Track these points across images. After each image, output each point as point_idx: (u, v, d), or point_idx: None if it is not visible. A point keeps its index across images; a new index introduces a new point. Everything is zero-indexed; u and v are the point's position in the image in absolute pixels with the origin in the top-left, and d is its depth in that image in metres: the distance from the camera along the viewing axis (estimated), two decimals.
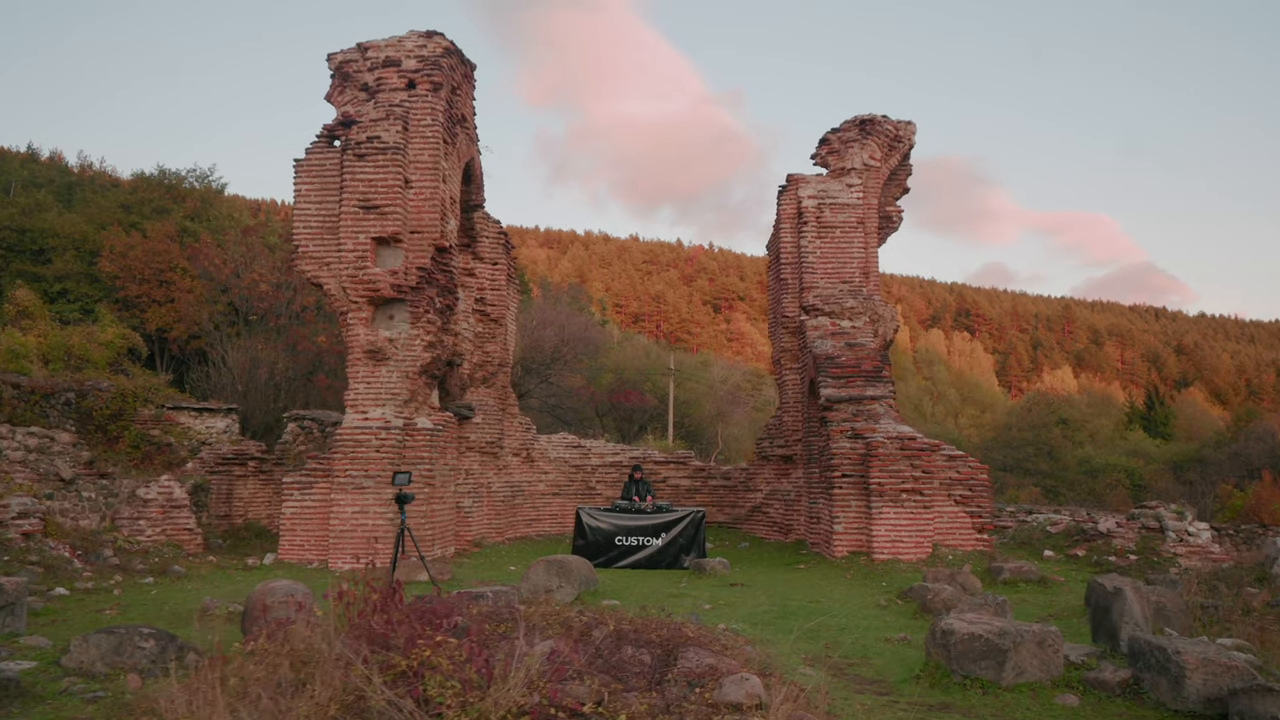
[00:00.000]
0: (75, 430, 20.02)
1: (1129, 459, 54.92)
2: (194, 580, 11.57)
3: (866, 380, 14.38)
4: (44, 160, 65.34)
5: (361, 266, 12.96)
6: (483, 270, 16.51)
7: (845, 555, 13.05)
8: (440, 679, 3.40)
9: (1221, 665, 5.00)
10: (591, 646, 4.81)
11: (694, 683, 4.23)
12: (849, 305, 15.81)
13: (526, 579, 8.63)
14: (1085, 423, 63.33)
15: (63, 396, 19.88)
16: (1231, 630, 7.12)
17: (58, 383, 20.08)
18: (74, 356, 23.91)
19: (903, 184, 17.47)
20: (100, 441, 20.31)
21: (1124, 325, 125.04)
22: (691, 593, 10.25)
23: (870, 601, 9.90)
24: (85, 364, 24.02)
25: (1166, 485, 43.84)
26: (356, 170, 12.99)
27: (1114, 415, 70.61)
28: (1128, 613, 6.44)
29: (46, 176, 52.49)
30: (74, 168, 60.08)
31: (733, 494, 18.15)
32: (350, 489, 12.60)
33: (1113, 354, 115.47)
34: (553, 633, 5.18)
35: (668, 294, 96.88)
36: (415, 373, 13.26)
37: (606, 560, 13.17)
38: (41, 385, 19.48)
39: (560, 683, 3.80)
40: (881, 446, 12.94)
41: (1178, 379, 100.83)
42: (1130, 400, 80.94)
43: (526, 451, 17.65)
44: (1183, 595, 8.61)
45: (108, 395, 20.76)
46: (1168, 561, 12.89)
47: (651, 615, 6.37)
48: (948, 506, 13.27)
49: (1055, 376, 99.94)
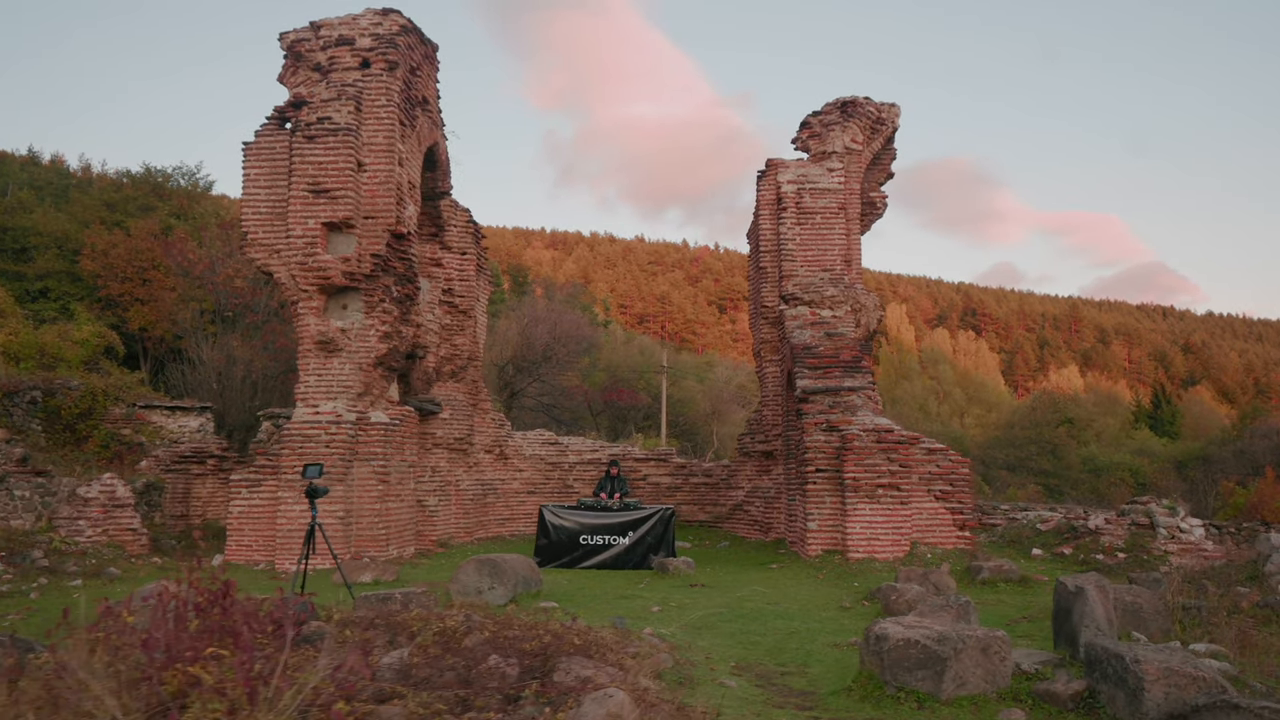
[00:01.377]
0: (42, 429, 19.58)
1: (1134, 457, 54.12)
2: (129, 583, 10.99)
3: (845, 371, 13.74)
4: (45, 164, 65.25)
5: (311, 253, 12.40)
6: (451, 260, 15.94)
7: (819, 554, 12.41)
8: (202, 703, 2.81)
9: (1187, 676, 4.36)
10: (458, 655, 4.20)
11: (556, 700, 3.62)
12: (829, 294, 15.16)
13: (455, 580, 8.03)
14: (1091, 421, 62.48)
15: (27, 395, 19.36)
16: (1214, 634, 6.48)
17: (21, 381, 19.59)
18: (46, 355, 23.46)
19: (887, 169, 16.82)
20: (69, 441, 19.81)
21: (1131, 324, 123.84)
22: (646, 594, 9.64)
23: (834, 603, 9.28)
24: (58, 363, 23.58)
25: (1170, 483, 43.02)
26: (306, 153, 12.43)
27: (1120, 414, 69.66)
28: (1088, 615, 5.80)
29: (46, 179, 52.26)
30: (75, 170, 59.86)
31: (714, 492, 17.52)
32: (298, 486, 12.01)
33: (1120, 353, 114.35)
34: (425, 639, 4.59)
35: (673, 295, 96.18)
36: (369, 364, 12.68)
37: (571, 560, 12.58)
38: (2, 383, 18.99)
39: (378, 703, 3.19)
40: (857, 439, 12.30)
41: (1185, 378, 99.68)
42: (1137, 399, 79.87)
43: (500, 448, 17.06)
44: (1163, 595, 7.98)
45: (77, 394, 20.27)
46: (1158, 559, 12.23)
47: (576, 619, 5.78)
48: (927, 502, 12.62)
49: (1062, 376, 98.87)
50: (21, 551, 11.03)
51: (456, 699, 3.47)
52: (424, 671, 3.92)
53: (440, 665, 4.03)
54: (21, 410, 19.17)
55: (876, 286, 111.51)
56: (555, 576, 11.32)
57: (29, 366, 22.45)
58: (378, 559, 12.12)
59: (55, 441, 19.63)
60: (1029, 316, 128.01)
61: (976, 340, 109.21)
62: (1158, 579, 9.28)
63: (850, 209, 15.85)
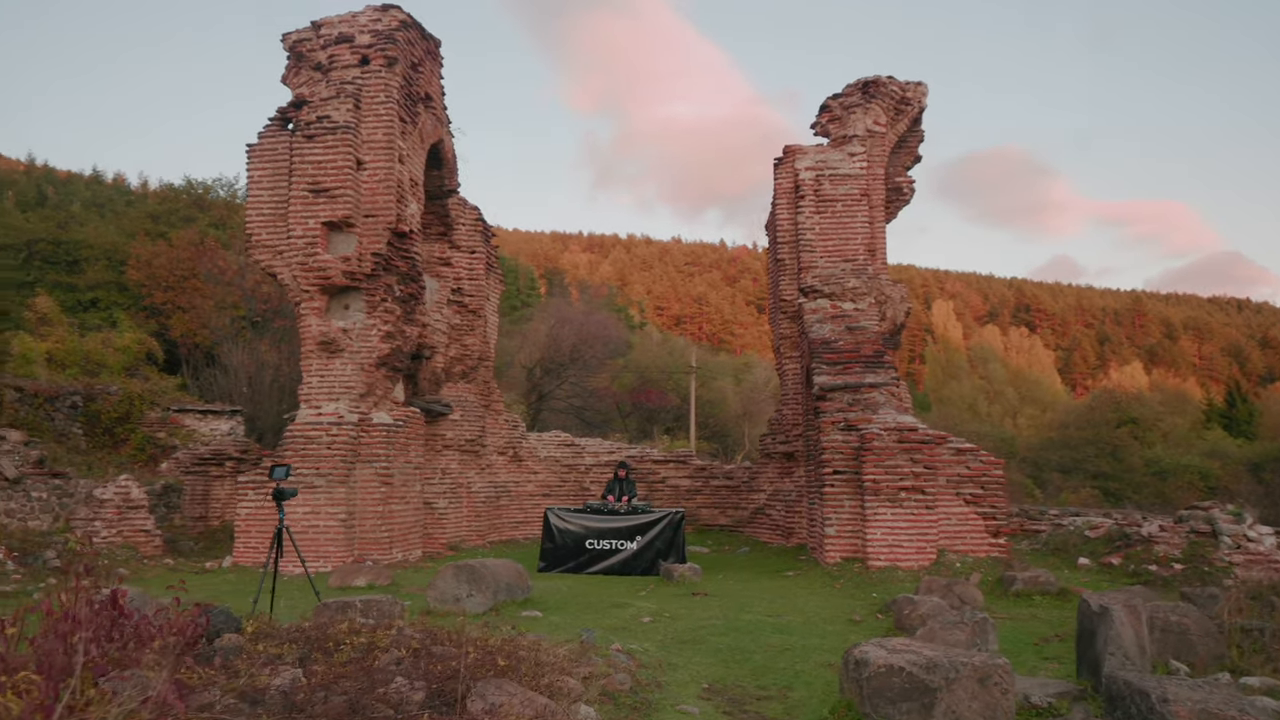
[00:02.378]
0: (83, 433, 19.84)
1: (1204, 460, 51.55)
2: (135, 585, 10.84)
3: (866, 366, 13.06)
4: (108, 182, 67.32)
5: (311, 253, 12.16)
6: (459, 259, 15.63)
7: (838, 562, 11.77)
8: None
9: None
10: (362, 677, 3.75)
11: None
12: (851, 285, 14.49)
13: (433, 587, 7.62)
14: (1156, 422, 59.96)
15: (69, 400, 19.66)
16: (1278, 663, 5.71)
17: (63, 386, 19.89)
18: (90, 361, 23.86)
19: (914, 152, 16.07)
20: (107, 444, 20.09)
21: (1201, 318, 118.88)
22: (642, 603, 9.13)
23: (844, 615, 8.66)
24: (101, 369, 23.96)
25: (1244, 487, 40.84)
26: (306, 152, 12.21)
27: (1190, 414, 66.76)
28: (1114, 640, 5.13)
29: (108, 196, 53.80)
30: (135, 188, 61.61)
31: (735, 495, 16.94)
32: (301, 488, 11.76)
33: (1189, 349, 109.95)
34: (342, 656, 4.15)
35: (710, 295, 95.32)
36: (371, 365, 12.40)
37: (576, 565, 12.14)
38: (45, 389, 19.27)
39: None
40: (877, 439, 11.63)
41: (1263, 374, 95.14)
42: (1208, 397, 76.53)
43: (513, 450, 16.70)
44: (1217, 615, 7.19)
45: (115, 399, 20.54)
46: (1220, 572, 11.26)
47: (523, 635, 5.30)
48: (956, 507, 11.89)
49: (1124, 373, 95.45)
50: (35, 552, 10.99)
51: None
52: (312, 697, 3.49)
53: (334, 689, 3.60)
54: (63, 414, 19.45)
55: (922, 283, 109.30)
56: (555, 582, 10.89)
57: (74, 373, 22.84)
58: (380, 562, 11.82)
59: (95, 444, 19.89)
60: (1088, 312, 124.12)
61: (1030, 337, 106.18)
62: (1213, 595, 8.43)
63: (873, 195, 15.16)
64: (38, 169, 67.67)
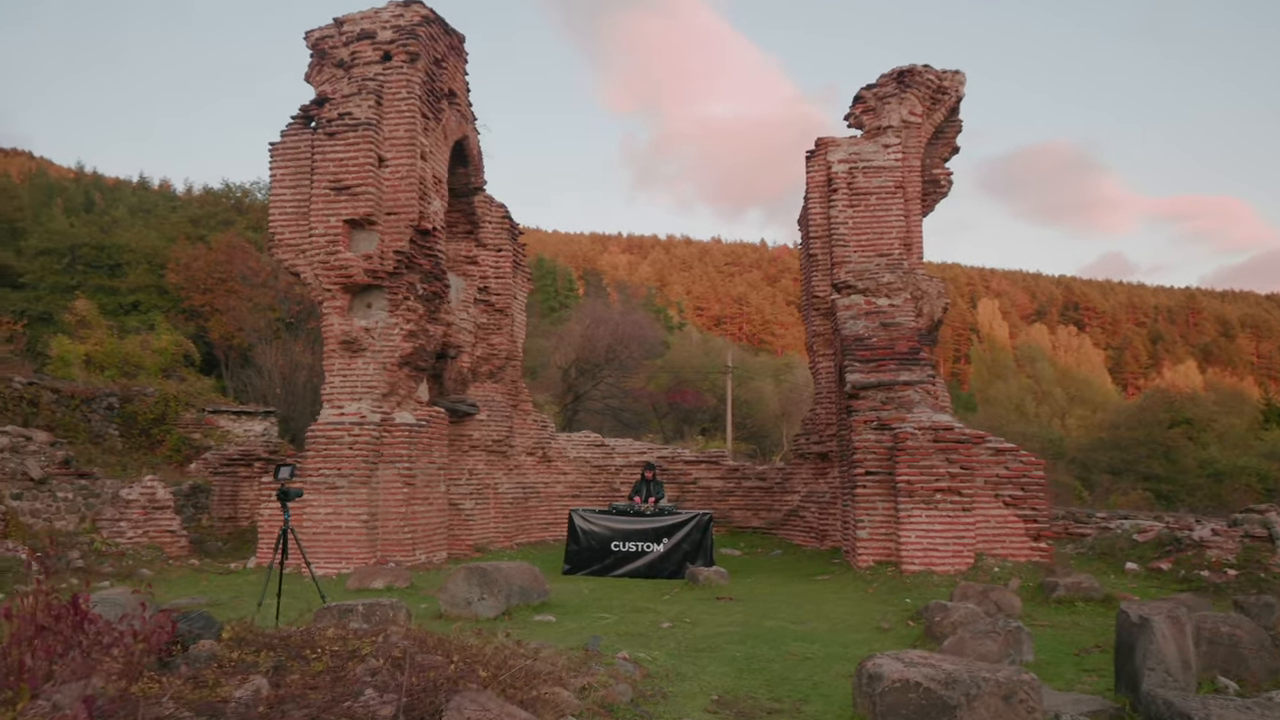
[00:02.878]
0: (119, 434, 20.10)
1: (1262, 461, 49.64)
2: (157, 585, 10.84)
3: (900, 364, 12.61)
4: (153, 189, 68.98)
5: (333, 251, 12.06)
6: (486, 257, 15.47)
7: (870, 565, 11.35)
8: None
9: None
10: (333, 688, 3.52)
11: None
12: (886, 281, 14.04)
13: (444, 590, 7.40)
14: (1211, 422, 57.98)
15: (105, 401, 19.92)
16: None
17: (99, 388, 20.17)
18: (128, 363, 24.23)
19: (951, 142, 15.55)
20: (144, 445, 20.34)
21: (1260, 315, 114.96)
22: (664, 607, 8.83)
23: (872, 623, 8.27)
24: (139, 371, 24.33)
25: None
26: (327, 149, 12.12)
27: (1247, 413, 64.38)
28: (1154, 655, 4.72)
29: (154, 202, 55.02)
30: (180, 194, 63.01)
31: (768, 496, 16.55)
32: (323, 489, 11.69)
33: (1246, 347, 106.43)
34: (320, 665, 3.93)
35: (750, 295, 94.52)
36: (394, 364, 12.27)
37: (602, 568, 11.88)
38: (82, 390, 19.55)
39: None
40: (910, 438, 11.19)
41: None
42: (1267, 396, 73.78)
43: (542, 451, 16.50)
44: (1273, 626, 6.70)
45: (151, 400, 20.80)
46: (1278, 578, 10.65)
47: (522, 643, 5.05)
48: (995, 509, 11.40)
49: (1177, 372, 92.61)
50: (58, 552, 11.03)
51: None
52: (271, 711, 3.25)
53: (299, 702, 3.36)
54: (99, 416, 19.71)
55: (967, 282, 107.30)
56: (577, 585, 10.64)
57: (112, 374, 23.22)
58: (403, 564, 11.67)
59: (131, 445, 20.14)
60: (1140, 310, 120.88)
61: (1079, 336, 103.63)
62: (1269, 604, 7.90)
63: (909, 188, 14.69)
64: (86, 176, 69.46)
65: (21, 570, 10.42)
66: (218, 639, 4.25)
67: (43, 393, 17.58)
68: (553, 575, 11.90)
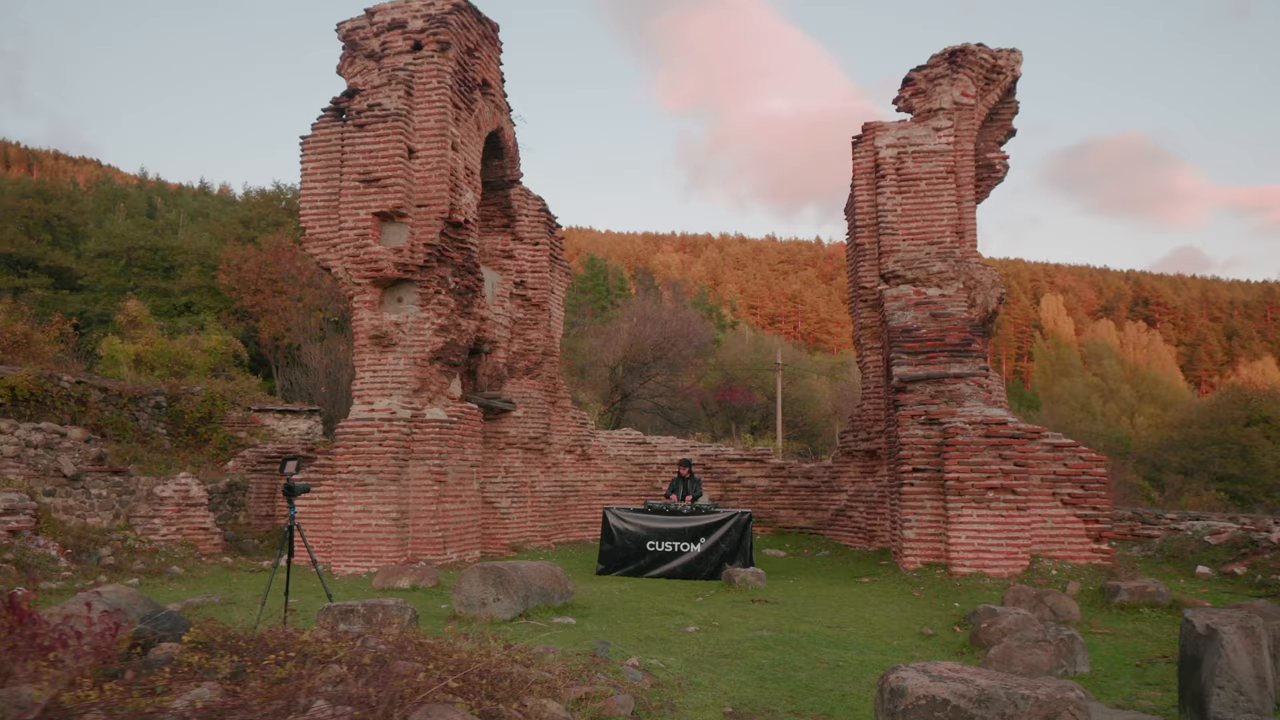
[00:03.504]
0: (166, 432, 20.36)
1: None
2: (186, 582, 10.79)
3: (951, 355, 11.97)
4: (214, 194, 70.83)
5: (363, 245, 11.89)
6: (522, 251, 15.20)
7: (918, 567, 10.75)
8: None
9: None
10: (289, 697, 3.18)
11: None
12: (937, 270, 13.39)
13: (458, 590, 7.07)
14: None
15: (152, 400, 20.18)
16: None
17: (146, 387, 20.44)
18: (177, 363, 24.61)
19: (1007, 125, 14.80)
20: (191, 443, 20.58)
21: None
22: (694, 611, 8.39)
23: (915, 628, 7.73)
24: (188, 370, 24.69)
25: None
26: (356, 141, 11.95)
27: None
28: (1223, 670, 4.15)
29: (216, 207, 56.45)
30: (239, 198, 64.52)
31: (815, 495, 15.96)
32: (353, 486, 11.52)
33: None
34: (280, 672, 3.60)
35: (805, 293, 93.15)
36: (425, 359, 12.05)
37: (637, 568, 11.49)
38: (129, 389, 19.81)
39: None
40: (960, 433, 10.56)
41: None
42: None
43: (581, 448, 16.17)
44: None
45: (198, 399, 21.03)
46: None
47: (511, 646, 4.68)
48: (1052, 509, 10.71)
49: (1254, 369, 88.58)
50: (90, 549, 11.03)
51: None
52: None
53: (242, 713, 3.03)
54: (147, 414, 19.97)
55: (1030, 277, 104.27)
56: (608, 586, 10.27)
57: (162, 374, 23.59)
58: (433, 563, 11.44)
59: (179, 444, 20.38)
60: (1214, 305, 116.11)
61: (1148, 332, 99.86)
62: None
63: (961, 173, 14.00)
64: (149, 183, 71.52)
65: (51, 566, 10.45)
66: (179, 641, 3.96)
67: (91, 391, 17.82)
68: (586, 576, 11.55)
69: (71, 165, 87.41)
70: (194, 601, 8.14)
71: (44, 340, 19.14)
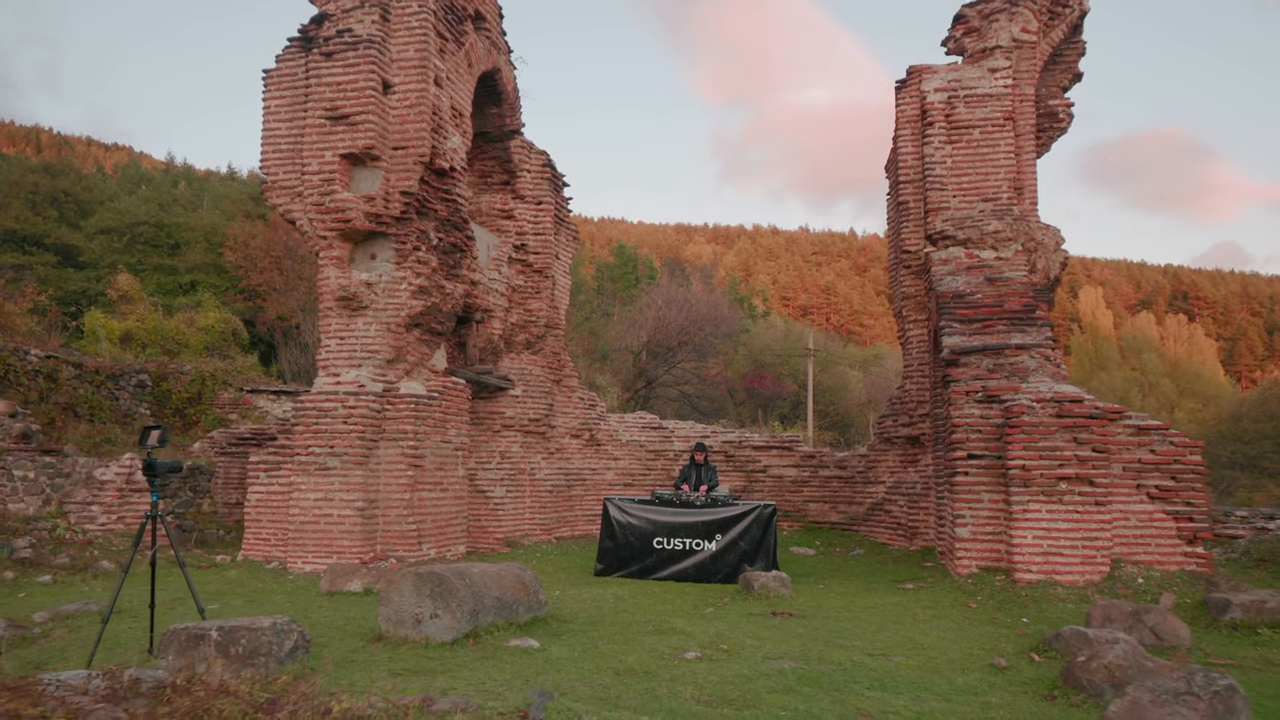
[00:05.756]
0: (150, 413, 19.02)
1: None
2: (115, 579, 9.30)
3: (1011, 324, 10.20)
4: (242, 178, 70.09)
5: (328, 192, 10.34)
6: (524, 211, 13.59)
7: (973, 572, 9.01)
8: None
9: None
10: None
11: None
12: (992, 229, 11.61)
13: (385, 601, 5.44)
14: None
15: (134, 378, 18.84)
16: None
17: (128, 364, 19.13)
18: (169, 341, 23.35)
19: (1073, 67, 12.92)
20: (178, 425, 19.25)
21: None
22: (698, 626, 6.75)
23: (983, 656, 6.03)
24: (182, 349, 23.42)
25: None
26: (323, 72, 10.40)
27: None
28: None
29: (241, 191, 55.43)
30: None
31: (849, 487, 14.25)
32: (313, 470, 10.00)
33: None
34: None
35: (838, 285, 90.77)
36: (400, 325, 10.50)
37: (641, 569, 9.88)
38: (108, 366, 18.49)
39: None
40: (1027, 412, 8.80)
41: None
42: None
43: (589, 432, 14.56)
44: None
45: (187, 379, 19.71)
46: None
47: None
48: (1136, 503, 8.94)
49: None
50: (4, 541, 9.60)
51: None
52: None
53: None
54: (128, 394, 18.61)
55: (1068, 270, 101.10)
56: (604, 592, 8.65)
57: (153, 353, 22.32)
58: (405, 560, 9.90)
59: (167, 426, 19.06)
60: (1255, 299, 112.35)
61: (1189, 325, 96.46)
62: None
63: (1020, 120, 12.20)
64: (176, 168, 70.89)
65: None
66: None
67: (62, 367, 16.49)
68: (584, 577, 9.96)
69: (103, 151, 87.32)
70: (67, 610, 6.63)
71: (15, 312, 17.85)
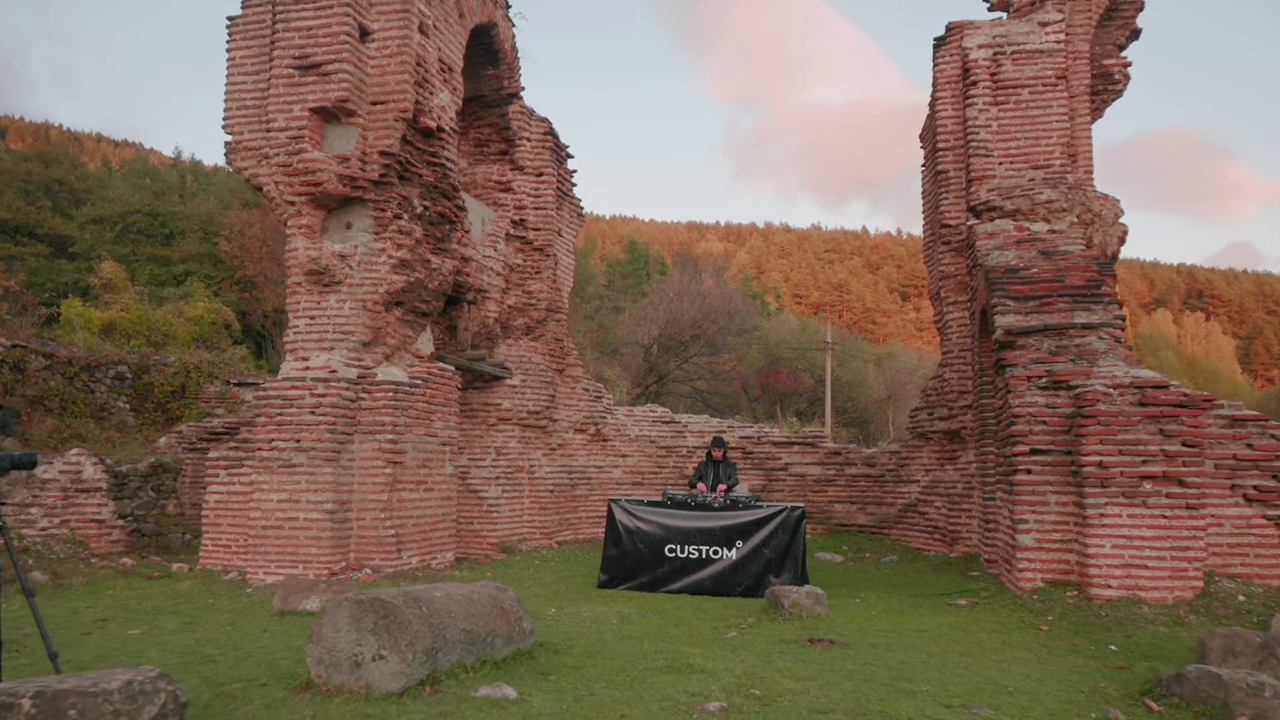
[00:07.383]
0: (130, 408, 17.88)
1: None
2: (45, 594, 8.08)
3: (1074, 301, 8.93)
4: None
5: (297, 151, 9.12)
6: (523, 183, 12.37)
7: (1038, 586, 7.73)
8: None
9: None
10: None
11: None
12: (1044, 199, 10.34)
13: (317, 637, 4.16)
14: None
15: (112, 370, 17.67)
16: None
17: (105, 355, 17.99)
18: (155, 332, 22.22)
19: (1130, 23, 11.63)
20: (159, 420, 18.10)
21: None
22: (718, 659, 5.49)
23: (1085, 705, 4.76)
24: (168, 340, 22.29)
25: None
26: (292, 16, 9.19)
27: None
28: None
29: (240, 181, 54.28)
30: None
31: (878, 487, 12.98)
32: (276, 468, 8.78)
33: None
34: None
35: (851, 282, 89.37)
36: (379, 303, 9.28)
37: (651, 580, 8.63)
38: (83, 357, 17.34)
39: None
40: (1103, 399, 7.52)
41: None
42: None
43: (595, 427, 13.33)
44: None
45: (170, 371, 18.57)
46: None
47: None
48: (1231, 507, 7.66)
49: None
50: None
51: None
52: None
53: None
54: (105, 387, 17.44)
55: None
56: (607, 610, 7.39)
57: (138, 344, 21.20)
58: (381, 570, 8.68)
59: (145, 421, 17.83)
60: (1270, 298, 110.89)
61: (1207, 324, 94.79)
62: None
63: (1074, 80, 10.95)
64: (184, 164, 69.85)
65: None
66: None
67: (31, 357, 15.35)
68: (586, 590, 8.73)
69: (112, 148, 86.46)
70: None
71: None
